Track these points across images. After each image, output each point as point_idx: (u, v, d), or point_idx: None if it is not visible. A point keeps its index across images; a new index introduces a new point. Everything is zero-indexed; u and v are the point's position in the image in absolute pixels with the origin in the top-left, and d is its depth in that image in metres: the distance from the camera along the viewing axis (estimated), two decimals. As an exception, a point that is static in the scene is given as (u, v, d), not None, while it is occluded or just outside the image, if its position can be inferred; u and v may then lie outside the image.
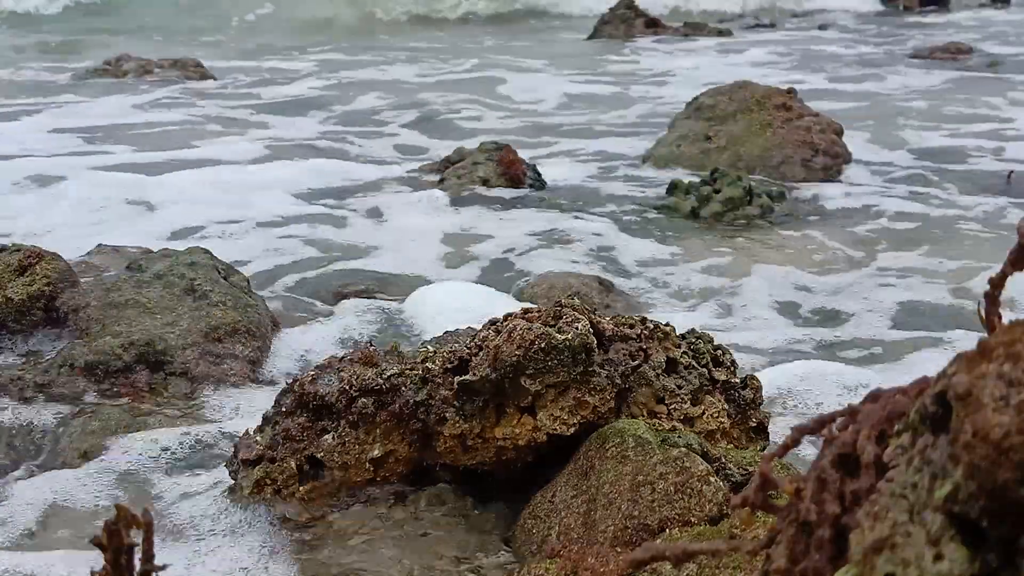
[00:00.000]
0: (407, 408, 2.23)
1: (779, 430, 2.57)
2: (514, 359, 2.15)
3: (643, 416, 2.22)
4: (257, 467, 2.28)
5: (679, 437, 2.04)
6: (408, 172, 5.79)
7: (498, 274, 4.15)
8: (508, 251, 4.41)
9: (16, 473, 2.54)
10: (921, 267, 4.26)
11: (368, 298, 3.74)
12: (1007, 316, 0.98)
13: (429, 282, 3.97)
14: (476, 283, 3.97)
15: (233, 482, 2.32)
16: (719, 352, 2.41)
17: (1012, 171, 5.51)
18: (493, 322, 2.28)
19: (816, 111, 6.06)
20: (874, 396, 0.98)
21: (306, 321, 3.58)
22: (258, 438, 2.31)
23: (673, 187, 5.09)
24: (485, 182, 5.08)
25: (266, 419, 2.35)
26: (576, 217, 4.88)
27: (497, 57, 11.21)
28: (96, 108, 7.76)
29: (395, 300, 3.75)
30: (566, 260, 4.26)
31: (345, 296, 3.75)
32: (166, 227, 4.67)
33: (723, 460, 2.04)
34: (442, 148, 6.30)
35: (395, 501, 2.29)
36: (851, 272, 4.20)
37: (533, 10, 16.49)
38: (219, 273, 3.26)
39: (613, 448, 2.04)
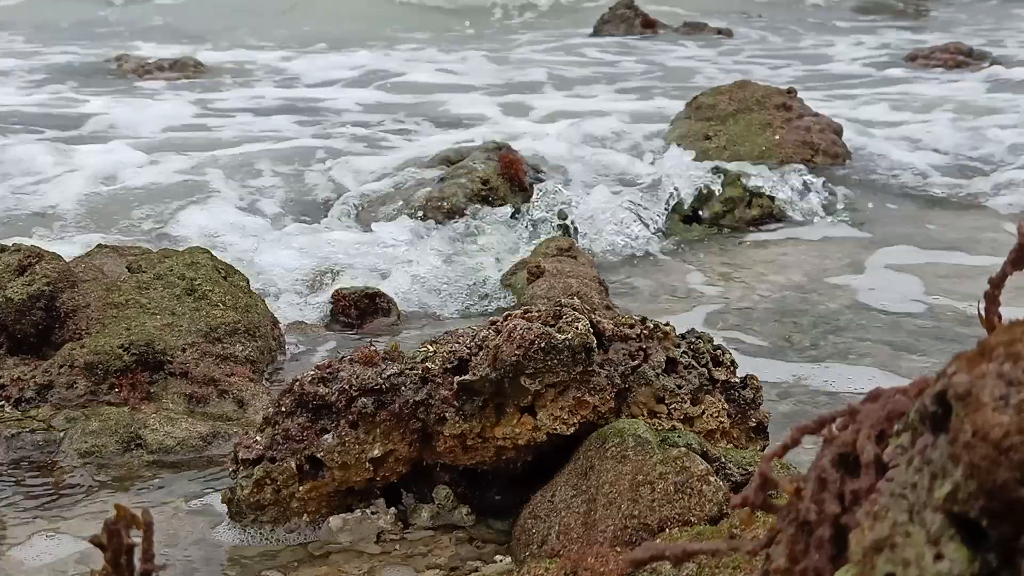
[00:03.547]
0: (407, 408, 2.23)
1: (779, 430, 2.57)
2: (514, 359, 2.15)
3: (643, 416, 2.22)
4: (257, 467, 2.27)
5: (679, 437, 2.04)
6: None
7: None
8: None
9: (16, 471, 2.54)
10: (921, 269, 4.25)
11: (368, 297, 3.73)
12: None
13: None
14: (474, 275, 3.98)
15: (233, 482, 2.32)
16: (719, 352, 2.40)
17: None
18: (493, 322, 2.28)
19: (816, 111, 6.06)
20: (874, 396, 0.98)
21: (306, 321, 3.58)
22: (258, 438, 2.31)
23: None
24: (485, 182, 5.06)
25: (266, 419, 2.35)
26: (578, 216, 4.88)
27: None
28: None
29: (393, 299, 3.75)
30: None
31: (345, 296, 3.74)
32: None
33: (723, 460, 2.04)
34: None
35: (395, 500, 2.29)
36: (851, 274, 4.20)
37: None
38: (219, 273, 3.26)
39: (613, 448, 2.04)
